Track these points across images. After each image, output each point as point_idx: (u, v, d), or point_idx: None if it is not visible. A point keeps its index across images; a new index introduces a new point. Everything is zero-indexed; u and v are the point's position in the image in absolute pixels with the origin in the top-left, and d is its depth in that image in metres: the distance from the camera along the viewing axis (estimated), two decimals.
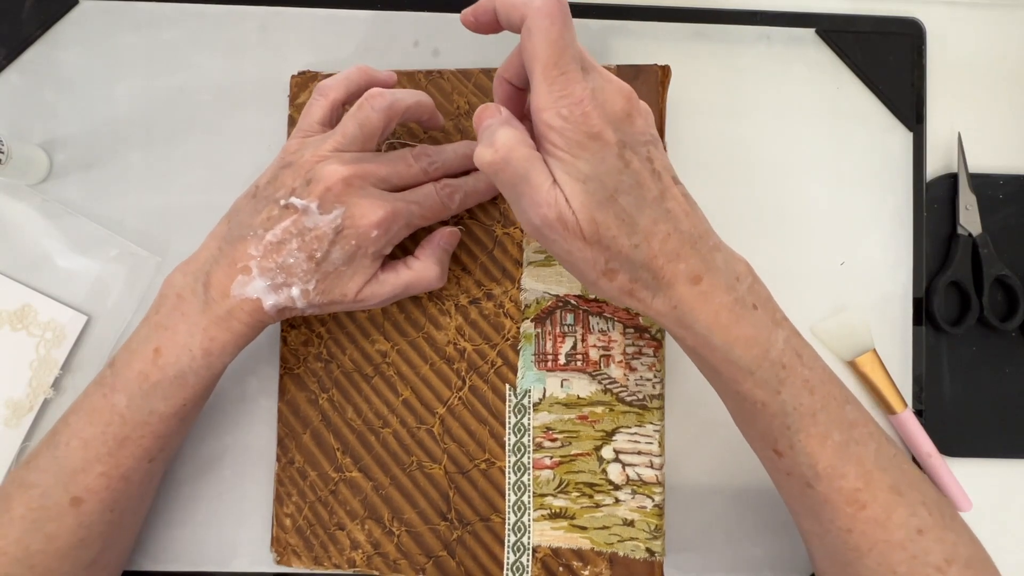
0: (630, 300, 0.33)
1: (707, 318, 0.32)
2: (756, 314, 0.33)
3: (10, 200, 0.45)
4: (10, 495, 0.36)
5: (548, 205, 0.30)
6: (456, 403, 0.42)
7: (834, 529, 0.34)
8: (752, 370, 0.33)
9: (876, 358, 0.45)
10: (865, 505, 0.33)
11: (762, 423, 0.34)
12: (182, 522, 0.44)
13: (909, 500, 0.34)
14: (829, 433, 0.33)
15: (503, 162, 0.30)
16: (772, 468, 0.36)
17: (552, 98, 0.30)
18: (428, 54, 0.47)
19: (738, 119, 0.47)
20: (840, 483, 0.33)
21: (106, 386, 0.36)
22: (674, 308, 0.32)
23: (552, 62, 0.29)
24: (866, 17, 0.47)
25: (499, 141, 0.30)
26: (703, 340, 0.32)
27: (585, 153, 0.30)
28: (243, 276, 0.35)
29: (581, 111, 0.29)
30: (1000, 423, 0.46)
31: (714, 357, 0.33)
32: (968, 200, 0.46)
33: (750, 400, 0.33)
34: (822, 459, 0.33)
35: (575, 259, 0.32)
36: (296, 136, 0.38)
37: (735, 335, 0.32)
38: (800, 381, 0.33)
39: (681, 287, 0.32)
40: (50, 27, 0.46)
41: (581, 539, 0.41)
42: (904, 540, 0.33)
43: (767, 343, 0.33)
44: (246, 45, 0.46)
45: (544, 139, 0.30)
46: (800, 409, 0.33)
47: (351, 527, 0.42)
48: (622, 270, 0.32)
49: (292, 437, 0.43)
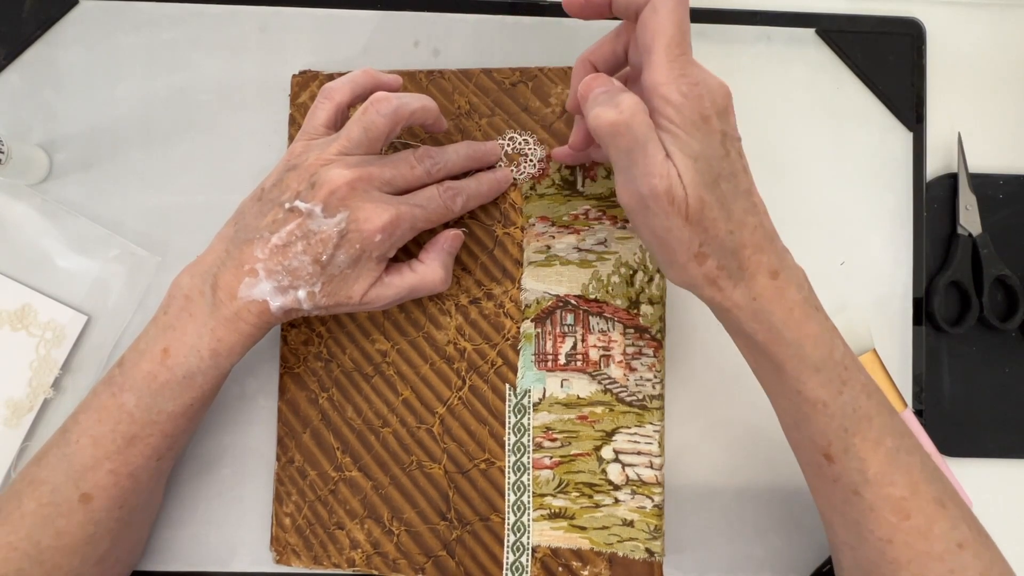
0: (711, 288, 0.33)
1: (782, 312, 0.33)
2: (820, 315, 0.34)
3: (10, 200, 0.45)
4: (20, 491, 0.37)
5: (661, 176, 0.30)
6: (456, 403, 0.42)
7: (873, 539, 0.34)
8: (819, 368, 0.33)
9: (876, 358, 0.45)
10: (910, 515, 0.33)
11: (818, 425, 0.34)
12: (182, 522, 0.44)
13: (951, 514, 0.34)
14: (882, 439, 0.34)
15: (626, 125, 0.30)
16: (817, 475, 0.36)
17: (674, 75, 0.30)
18: (428, 54, 0.47)
19: (738, 119, 0.47)
20: (888, 490, 0.33)
21: (115, 385, 0.37)
22: (753, 300, 0.33)
23: (676, 41, 0.31)
24: (866, 17, 0.47)
25: (625, 103, 0.30)
26: (776, 335, 0.33)
27: (698, 133, 0.31)
28: (250, 278, 0.36)
29: (698, 92, 0.31)
30: (1000, 423, 0.46)
31: (783, 353, 0.33)
32: (968, 200, 0.46)
33: (811, 400, 0.33)
34: (873, 464, 0.33)
35: (671, 237, 0.32)
36: (301, 139, 0.38)
37: (806, 332, 0.33)
38: (859, 384, 0.34)
39: (762, 279, 0.32)
40: (50, 27, 0.46)
41: (580, 539, 0.41)
42: (944, 553, 0.33)
43: (832, 344, 0.33)
44: (246, 45, 0.46)
45: (659, 114, 0.31)
46: (859, 412, 0.33)
47: (350, 526, 0.42)
48: (712, 255, 0.32)
49: (292, 436, 0.43)
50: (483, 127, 0.44)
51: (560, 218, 0.43)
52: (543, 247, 0.43)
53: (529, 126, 0.43)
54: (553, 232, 0.43)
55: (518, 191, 0.43)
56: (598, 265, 0.42)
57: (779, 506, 0.44)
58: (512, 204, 0.43)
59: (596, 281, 0.42)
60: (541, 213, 0.43)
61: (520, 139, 0.43)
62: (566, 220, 0.43)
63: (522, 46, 0.47)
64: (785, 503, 0.44)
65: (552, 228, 0.43)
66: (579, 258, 0.42)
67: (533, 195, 0.43)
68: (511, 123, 0.43)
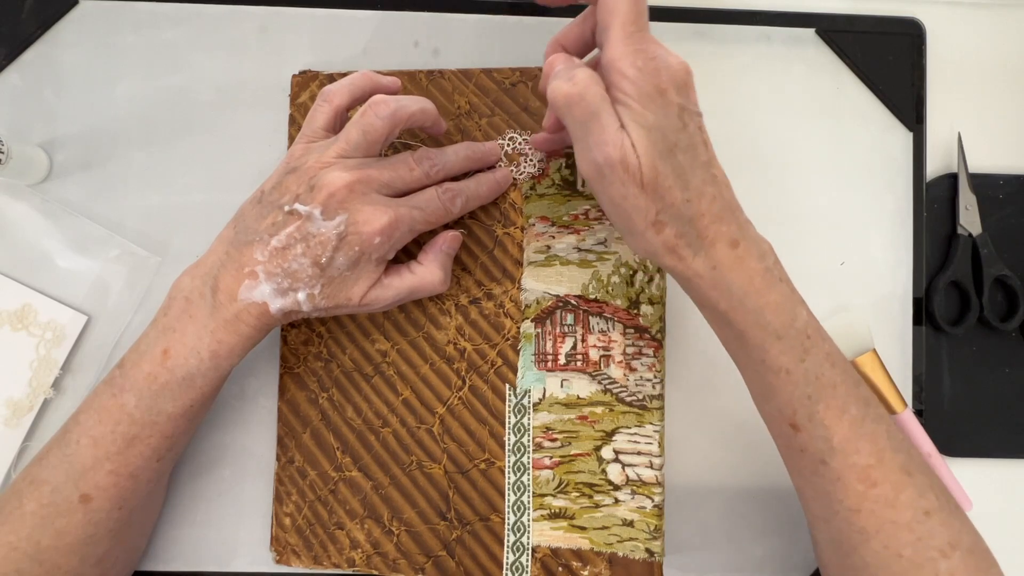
0: (671, 257, 0.33)
1: (742, 281, 0.33)
2: (783, 285, 0.34)
3: (10, 200, 0.45)
4: (21, 491, 0.37)
5: (614, 145, 0.31)
6: (456, 403, 0.42)
7: (842, 510, 0.34)
8: (780, 335, 0.34)
9: (876, 358, 0.45)
10: (876, 483, 0.34)
11: (783, 394, 0.34)
12: (182, 522, 0.44)
13: (918, 482, 0.34)
14: (847, 407, 0.34)
15: (579, 96, 0.32)
16: (786, 446, 0.36)
17: (629, 49, 0.32)
18: (428, 54, 0.47)
19: (738, 119, 0.47)
20: (854, 458, 0.34)
21: (115, 386, 0.37)
22: (713, 268, 0.33)
23: (631, 18, 0.32)
24: (866, 17, 0.47)
25: (578, 77, 0.32)
26: (737, 303, 0.33)
27: (652, 105, 0.31)
28: (250, 280, 0.36)
29: (653, 66, 0.32)
30: (1000, 423, 0.46)
31: (745, 321, 0.34)
32: (968, 200, 0.46)
33: (774, 368, 0.34)
34: (838, 432, 0.34)
35: (628, 205, 0.33)
36: (301, 141, 0.39)
37: (766, 300, 0.33)
38: (823, 353, 0.35)
39: (721, 248, 0.33)
40: (50, 27, 0.46)
41: (580, 539, 0.41)
42: (911, 521, 0.34)
43: (793, 312, 0.34)
44: (246, 45, 0.46)
45: (615, 87, 0.32)
46: (822, 379, 0.34)
47: (350, 526, 0.42)
48: (670, 223, 0.33)
49: (292, 436, 0.43)
50: (483, 127, 0.44)
51: (560, 218, 0.43)
52: (543, 247, 0.43)
53: (529, 126, 0.43)
54: (553, 232, 0.43)
55: (518, 191, 0.43)
56: (598, 265, 0.42)
57: (779, 506, 0.44)
58: (512, 204, 0.43)
59: (596, 281, 0.42)
60: (541, 213, 0.43)
61: (520, 139, 0.43)
62: (566, 220, 0.43)
63: (522, 46, 0.47)
64: (785, 503, 0.44)
65: (552, 228, 0.43)
66: (579, 258, 0.42)
67: (533, 195, 0.43)
68: (511, 123, 0.43)
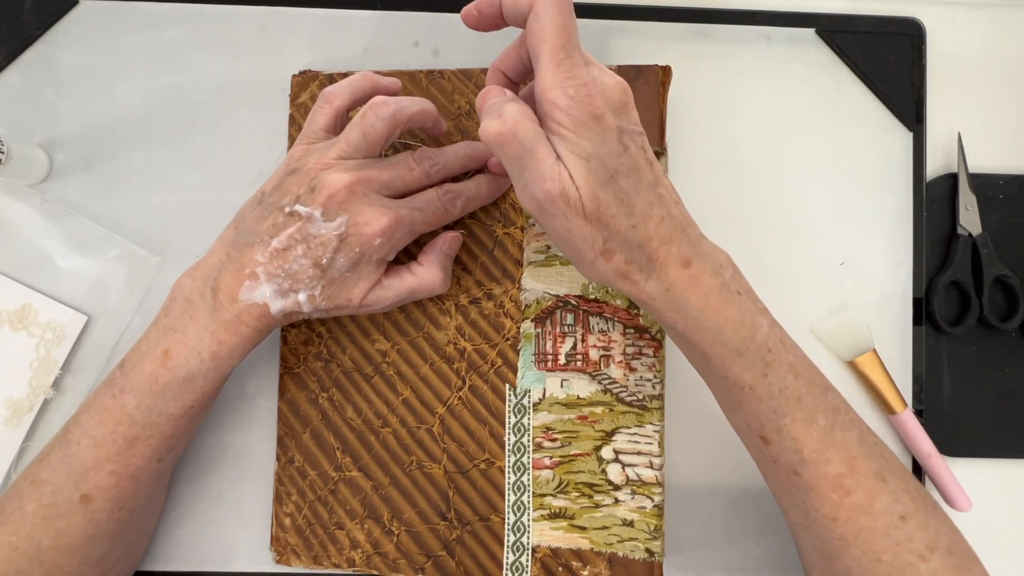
0: (624, 283, 0.33)
1: (698, 300, 0.33)
2: (741, 299, 0.34)
3: (10, 200, 0.45)
4: (22, 491, 0.37)
5: (552, 179, 0.31)
6: (456, 403, 0.42)
7: (820, 518, 0.34)
8: (740, 351, 0.33)
9: (876, 358, 0.45)
10: (850, 491, 0.34)
11: (749, 408, 0.34)
12: (182, 522, 0.44)
13: (892, 487, 0.34)
14: (814, 417, 0.34)
15: (510, 134, 0.31)
16: (760, 458, 0.36)
17: (559, 78, 0.31)
18: (428, 54, 0.47)
19: (738, 119, 0.47)
20: (825, 468, 0.34)
21: (116, 387, 0.37)
22: (667, 291, 0.33)
23: (559, 45, 0.31)
24: (866, 17, 0.47)
25: (507, 113, 0.31)
26: (694, 323, 0.33)
27: (588, 133, 0.31)
28: (250, 282, 0.36)
29: (586, 92, 0.31)
30: (1000, 423, 0.46)
31: (704, 340, 0.33)
32: (968, 200, 0.46)
33: (738, 384, 0.34)
34: (808, 444, 0.34)
35: (574, 237, 0.32)
36: (301, 142, 0.39)
37: (724, 317, 0.33)
38: (785, 365, 0.34)
39: (673, 269, 0.33)
40: (50, 27, 0.46)
41: (580, 539, 0.41)
42: (888, 527, 0.34)
43: (753, 326, 0.34)
44: (246, 45, 0.46)
45: (549, 118, 0.31)
46: (786, 392, 0.34)
47: (350, 526, 0.42)
48: (619, 250, 0.32)
49: (292, 436, 0.43)
50: None
51: None
52: (543, 247, 0.43)
53: None
54: None
55: None
56: None
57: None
58: (512, 204, 0.43)
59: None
60: None
61: None
62: None
63: None
64: None
65: None
66: None
67: None
68: None
